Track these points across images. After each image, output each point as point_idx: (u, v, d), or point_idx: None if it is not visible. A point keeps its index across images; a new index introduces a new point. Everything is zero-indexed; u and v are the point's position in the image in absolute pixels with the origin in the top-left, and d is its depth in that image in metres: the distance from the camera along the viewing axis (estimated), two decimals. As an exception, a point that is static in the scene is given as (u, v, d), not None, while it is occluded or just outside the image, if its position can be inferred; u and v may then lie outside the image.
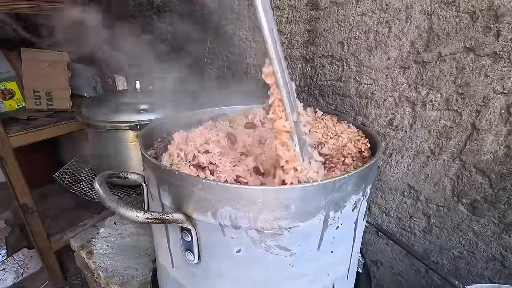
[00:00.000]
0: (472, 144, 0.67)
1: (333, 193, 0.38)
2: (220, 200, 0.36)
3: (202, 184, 0.36)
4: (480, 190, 0.69)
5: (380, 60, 0.74)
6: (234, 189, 0.35)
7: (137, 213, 0.36)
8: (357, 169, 0.40)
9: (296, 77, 0.92)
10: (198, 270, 0.43)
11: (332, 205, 0.39)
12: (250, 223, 0.37)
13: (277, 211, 0.36)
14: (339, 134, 0.56)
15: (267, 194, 0.35)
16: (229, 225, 0.38)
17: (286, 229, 0.38)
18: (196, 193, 0.37)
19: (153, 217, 0.36)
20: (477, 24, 0.60)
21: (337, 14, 0.77)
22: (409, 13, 0.67)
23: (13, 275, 1.48)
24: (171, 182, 0.40)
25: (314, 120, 0.60)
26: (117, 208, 0.36)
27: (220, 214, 0.37)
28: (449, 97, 0.67)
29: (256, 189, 0.35)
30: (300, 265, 0.41)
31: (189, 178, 0.37)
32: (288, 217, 0.37)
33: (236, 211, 0.36)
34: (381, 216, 0.89)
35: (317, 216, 0.39)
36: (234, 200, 0.36)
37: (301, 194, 0.36)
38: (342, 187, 0.39)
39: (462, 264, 0.78)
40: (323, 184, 0.37)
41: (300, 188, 0.36)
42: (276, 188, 0.35)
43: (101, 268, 0.97)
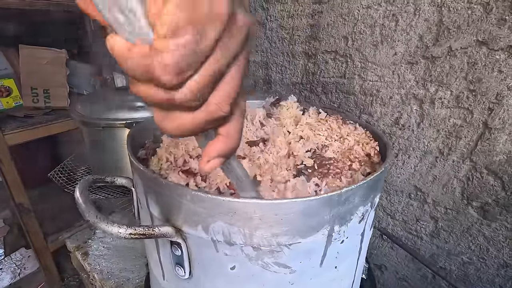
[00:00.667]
0: (483, 144, 0.63)
1: (338, 206, 0.34)
2: (212, 215, 0.33)
3: (191, 196, 0.33)
4: (491, 193, 0.65)
5: (386, 55, 0.70)
6: (227, 202, 0.32)
7: (118, 228, 0.32)
8: (366, 178, 0.36)
9: (298, 73, 0.88)
10: (189, 285, 0.40)
11: (337, 219, 0.35)
12: (246, 240, 0.34)
13: (276, 227, 0.33)
14: (344, 137, 0.53)
15: (264, 209, 0.32)
16: (222, 241, 0.34)
17: (286, 246, 0.34)
18: (185, 204, 0.34)
19: (137, 232, 0.33)
20: (491, 16, 0.55)
21: (341, 8, 0.73)
22: (418, 5, 0.62)
23: (10, 275, 1.46)
24: (158, 191, 0.37)
25: (318, 122, 0.56)
26: (96, 223, 0.33)
27: (212, 229, 0.34)
28: (459, 94, 0.63)
29: (252, 203, 0.31)
30: (301, 282, 0.38)
31: (177, 188, 0.34)
32: (288, 234, 0.33)
33: (230, 226, 0.33)
34: (386, 219, 0.85)
35: (321, 232, 0.35)
36: (227, 215, 0.32)
37: (302, 209, 0.32)
38: (349, 199, 0.35)
39: (471, 270, 0.74)
40: (328, 197, 0.33)
41: (301, 202, 0.32)
42: (274, 202, 0.32)
43: (96, 270, 0.95)
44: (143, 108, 0.83)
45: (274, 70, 0.93)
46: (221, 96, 0.20)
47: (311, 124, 0.55)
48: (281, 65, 0.91)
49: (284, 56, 0.89)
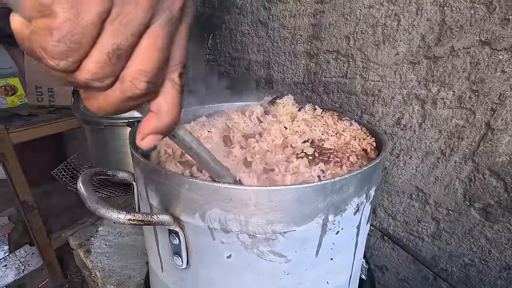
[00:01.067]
0: (486, 145, 0.63)
1: (332, 194, 0.35)
2: (209, 202, 0.33)
3: (189, 184, 0.34)
4: (494, 194, 0.64)
5: (388, 55, 0.70)
6: (223, 189, 0.32)
7: (118, 214, 0.33)
8: (360, 168, 0.36)
9: (299, 73, 0.88)
10: (187, 275, 0.41)
11: (332, 208, 0.36)
12: (241, 227, 0.34)
13: (271, 214, 0.33)
14: (340, 132, 0.53)
15: (259, 195, 0.32)
16: (219, 229, 0.35)
17: (281, 233, 0.35)
18: (183, 193, 0.35)
19: (136, 218, 0.33)
20: (494, 15, 0.55)
21: (343, 7, 0.74)
22: (420, 4, 0.63)
23: (14, 271, 1.48)
24: (158, 181, 0.37)
25: (313, 118, 0.57)
26: (97, 209, 0.33)
27: (209, 216, 0.34)
28: (462, 94, 0.63)
29: (247, 190, 0.32)
30: (296, 272, 0.38)
31: (175, 177, 0.35)
32: (282, 221, 0.34)
33: (226, 213, 0.33)
34: (387, 220, 0.85)
35: (315, 220, 0.35)
36: (223, 202, 0.33)
37: (297, 196, 0.33)
38: (342, 189, 0.35)
39: (473, 272, 0.73)
40: (322, 185, 0.33)
41: (295, 188, 0.32)
42: (269, 188, 0.32)
43: (98, 267, 0.95)
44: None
45: (276, 69, 0.94)
46: (133, 72, 0.18)
47: (307, 120, 0.55)
48: (283, 64, 0.92)
49: (286, 55, 0.90)
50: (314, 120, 0.55)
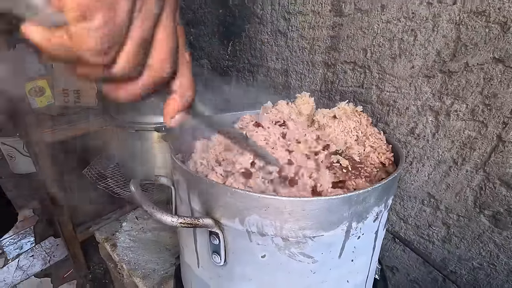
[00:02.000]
0: (497, 156, 0.66)
1: (356, 205, 0.39)
2: (248, 209, 0.39)
3: (231, 193, 0.39)
4: (504, 203, 0.68)
5: (404, 68, 0.74)
6: (262, 199, 0.37)
7: (171, 218, 0.38)
8: (381, 182, 0.41)
9: (317, 82, 0.93)
10: (223, 271, 0.46)
11: (355, 216, 0.40)
12: (276, 231, 0.39)
13: (303, 221, 0.38)
14: (367, 136, 0.57)
15: (293, 205, 0.37)
16: (256, 232, 0.40)
17: (310, 238, 0.40)
18: (225, 200, 0.40)
19: (185, 221, 0.39)
20: (508, 35, 0.58)
21: (361, 21, 0.77)
22: (436, 21, 0.66)
23: (41, 261, 1.57)
24: (201, 188, 0.43)
25: (352, 113, 0.60)
26: (153, 213, 0.39)
27: (248, 221, 0.39)
28: (475, 107, 0.66)
29: (284, 200, 0.37)
30: (321, 272, 0.43)
31: (219, 186, 0.40)
32: (312, 227, 0.39)
33: (263, 219, 0.39)
34: (399, 223, 0.89)
35: (340, 227, 0.40)
36: (261, 209, 0.38)
37: (326, 206, 0.38)
38: (365, 200, 0.40)
39: (481, 275, 0.77)
40: (348, 197, 0.38)
41: (325, 200, 0.37)
42: (303, 199, 0.37)
43: (125, 260, 1.02)
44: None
45: (294, 77, 0.98)
46: (158, 60, 0.21)
47: (346, 110, 0.59)
48: (301, 73, 0.96)
49: (304, 64, 0.94)
50: (352, 114, 0.59)
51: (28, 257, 1.61)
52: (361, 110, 0.60)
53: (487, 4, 0.59)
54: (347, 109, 0.58)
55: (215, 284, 0.49)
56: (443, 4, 0.64)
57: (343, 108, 0.58)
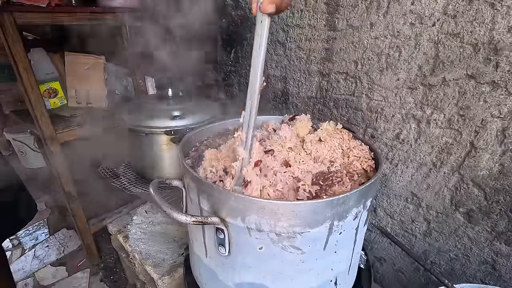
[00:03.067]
0: (470, 160, 0.74)
1: (337, 207, 0.48)
2: (248, 210, 0.47)
3: (235, 198, 0.48)
4: (475, 201, 0.77)
5: (390, 80, 0.82)
6: (259, 202, 0.46)
7: (186, 217, 0.47)
8: (358, 187, 0.49)
9: (313, 89, 1.00)
10: (227, 261, 0.55)
11: (337, 216, 0.49)
12: (271, 228, 0.48)
13: (292, 220, 0.47)
14: (351, 148, 0.65)
15: (285, 207, 0.46)
16: (254, 228, 0.49)
17: (299, 233, 0.48)
18: (230, 203, 0.49)
19: (197, 220, 0.48)
20: (479, 55, 0.66)
21: (352, 36, 0.85)
22: (418, 40, 0.74)
23: (56, 251, 1.68)
24: (210, 192, 0.51)
25: (334, 131, 0.69)
26: (171, 213, 0.48)
27: (248, 220, 0.48)
28: (451, 117, 0.74)
29: (277, 203, 0.46)
30: (309, 261, 0.52)
31: (225, 192, 0.49)
32: (301, 225, 0.48)
33: (261, 219, 0.47)
34: (386, 219, 0.98)
35: (324, 224, 0.49)
36: (259, 210, 0.47)
37: (312, 208, 0.46)
38: (345, 202, 0.49)
39: (457, 265, 0.86)
40: (330, 201, 0.47)
41: (311, 203, 0.46)
42: (292, 203, 0.46)
43: (137, 251, 1.12)
44: (179, 117, 0.98)
45: (292, 84, 1.06)
46: None
47: (328, 130, 0.67)
48: (298, 80, 1.04)
49: (301, 73, 1.02)
50: (334, 133, 0.67)
51: (43, 247, 1.72)
52: (342, 127, 0.68)
53: (461, 27, 0.67)
54: (329, 128, 0.66)
55: (220, 271, 0.58)
56: (424, 25, 0.71)
57: (325, 129, 0.66)
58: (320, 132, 0.64)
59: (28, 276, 1.53)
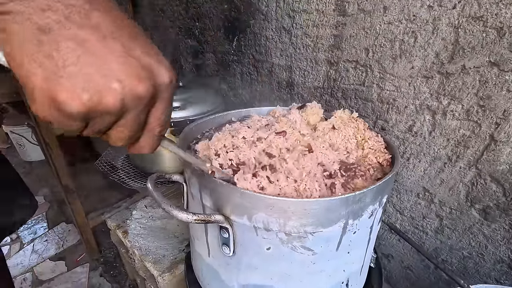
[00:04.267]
0: (489, 154, 0.70)
1: (353, 205, 0.44)
2: (256, 207, 0.43)
3: (241, 194, 0.43)
4: (493, 198, 0.72)
5: (404, 68, 0.76)
6: (268, 199, 0.42)
7: (187, 215, 0.43)
8: (375, 183, 0.45)
9: (319, 79, 0.95)
10: (232, 261, 0.51)
11: (352, 214, 0.45)
12: (280, 227, 0.44)
13: (304, 218, 0.43)
14: (366, 139, 0.60)
15: (296, 205, 0.41)
16: (262, 228, 0.45)
17: (311, 233, 0.44)
18: (235, 199, 0.44)
19: (200, 218, 0.44)
20: (504, 40, 0.61)
21: (364, 21, 0.79)
22: (436, 25, 0.68)
23: (55, 246, 1.66)
24: (213, 188, 0.47)
25: (349, 120, 0.64)
26: (170, 211, 0.44)
27: (255, 218, 0.44)
28: (470, 108, 0.69)
29: (287, 201, 0.41)
30: (320, 262, 0.48)
31: (229, 187, 0.44)
32: (313, 224, 0.43)
33: (269, 217, 0.43)
34: (395, 215, 0.94)
35: (338, 224, 0.45)
36: (267, 208, 0.42)
37: (326, 206, 0.42)
38: (361, 200, 0.44)
39: (470, 264, 0.82)
40: (345, 198, 0.42)
41: (325, 200, 0.42)
42: (304, 200, 0.41)
43: (136, 246, 1.09)
44: (179, 109, 0.94)
45: (298, 74, 1.01)
46: None
47: (342, 118, 0.63)
48: (304, 69, 0.99)
49: (308, 61, 0.97)
50: (349, 121, 0.62)
51: (42, 241, 1.69)
52: (357, 116, 0.63)
53: (485, 10, 0.61)
54: (344, 117, 0.62)
55: (224, 272, 0.54)
56: (443, 8, 0.66)
57: (339, 117, 0.61)
58: (334, 120, 0.60)
59: (27, 271, 1.51)
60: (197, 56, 1.27)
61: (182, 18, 1.32)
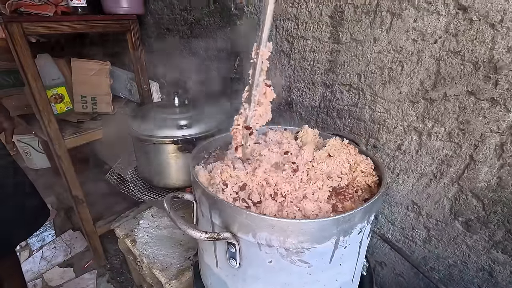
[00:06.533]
0: (469, 173, 0.77)
1: (343, 224, 0.51)
2: (259, 227, 0.50)
3: (246, 215, 0.50)
4: (474, 211, 0.79)
5: (392, 93, 0.84)
6: (270, 220, 0.49)
7: (200, 233, 0.50)
8: (363, 205, 0.52)
9: (316, 99, 1.03)
10: (238, 272, 0.58)
11: (342, 232, 0.52)
12: (280, 244, 0.51)
13: (301, 236, 0.50)
14: (358, 163, 0.68)
15: (294, 225, 0.49)
16: (265, 244, 0.52)
17: (307, 249, 0.51)
18: (241, 220, 0.51)
19: (211, 236, 0.51)
20: (479, 73, 0.68)
21: (356, 50, 0.87)
22: (420, 56, 0.76)
23: (63, 253, 1.72)
24: (222, 209, 0.54)
25: (341, 146, 0.71)
26: (186, 230, 0.51)
27: (259, 236, 0.51)
28: (451, 131, 0.77)
29: (286, 222, 0.49)
30: (315, 274, 0.55)
31: (237, 209, 0.51)
32: (309, 241, 0.50)
33: (271, 235, 0.50)
34: (387, 225, 1.01)
35: (330, 240, 0.52)
36: (269, 228, 0.49)
37: (319, 226, 0.49)
38: (350, 220, 0.51)
39: (455, 271, 0.89)
40: (336, 219, 0.49)
41: (318, 221, 0.49)
42: (301, 221, 0.48)
43: (144, 255, 1.16)
44: (186, 127, 1.01)
45: (296, 93, 1.09)
46: None
47: (335, 146, 0.70)
48: (302, 90, 1.06)
49: (305, 83, 1.04)
50: (341, 148, 0.69)
51: (50, 248, 1.75)
52: (348, 142, 0.71)
53: (462, 46, 0.69)
54: (336, 144, 0.69)
55: (231, 282, 0.61)
56: (426, 42, 0.74)
57: (333, 145, 0.68)
58: (329, 148, 0.67)
59: (37, 277, 1.57)
60: (201, 74, 1.34)
61: (187, 37, 1.40)
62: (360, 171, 0.64)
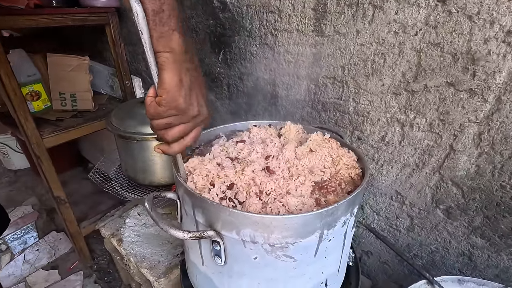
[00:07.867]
0: (449, 162, 0.79)
1: (326, 217, 0.51)
2: (243, 224, 0.50)
3: (229, 212, 0.50)
4: (454, 199, 0.82)
5: (375, 85, 0.84)
6: (253, 217, 0.48)
7: (183, 233, 0.49)
8: (346, 197, 0.53)
9: (301, 92, 1.02)
10: (224, 269, 0.58)
11: (326, 225, 0.52)
12: (265, 240, 0.51)
13: (285, 232, 0.50)
14: (340, 156, 0.68)
15: (277, 221, 0.48)
16: (249, 241, 0.51)
17: (291, 243, 0.51)
18: (225, 217, 0.51)
19: (194, 235, 0.50)
20: (458, 64, 0.69)
21: (339, 42, 0.87)
22: (402, 48, 0.76)
23: (47, 255, 1.67)
24: (205, 206, 0.53)
25: (322, 141, 0.71)
26: (168, 230, 0.50)
27: (243, 233, 0.51)
28: (432, 121, 0.78)
29: (269, 218, 0.48)
30: (301, 267, 0.55)
31: (220, 207, 0.51)
32: (293, 236, 0.50)
33: (255, 232, 0.50)
34: (372, 215, 1.03)
35: (314, 234, 0.52)
36: (253, 224, 0.49)
37: (302, 221, 0.49)
38: (334, 213, 0.52)
39: (437, 257, 0.92)
40: (319, 213, 0.50)
41: (301, 216, 0.49)
42: (284, 217, 0.48)
43: (131, 254, 1.14)
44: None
45: (281, 87, 1.08)
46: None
47: (317, 140, 0.70)
48: (287, 83, 1.05)
49: (290, 76, 1.03)
50: (323, 143, 0.69)
51: (33, 251, 1.70)
52: (329, 137, 0.71)
53: (442, 38, 0.70)
54: (318, 139, 0.69)
55: (217, 279, 0.61)
56: (407, 34, 0.74)
57: (314, 140, 0.68)
58: (310, 143, 0.67)
59: (20, 281, 1.52)
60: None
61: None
62: (343, 164, 0.65)
